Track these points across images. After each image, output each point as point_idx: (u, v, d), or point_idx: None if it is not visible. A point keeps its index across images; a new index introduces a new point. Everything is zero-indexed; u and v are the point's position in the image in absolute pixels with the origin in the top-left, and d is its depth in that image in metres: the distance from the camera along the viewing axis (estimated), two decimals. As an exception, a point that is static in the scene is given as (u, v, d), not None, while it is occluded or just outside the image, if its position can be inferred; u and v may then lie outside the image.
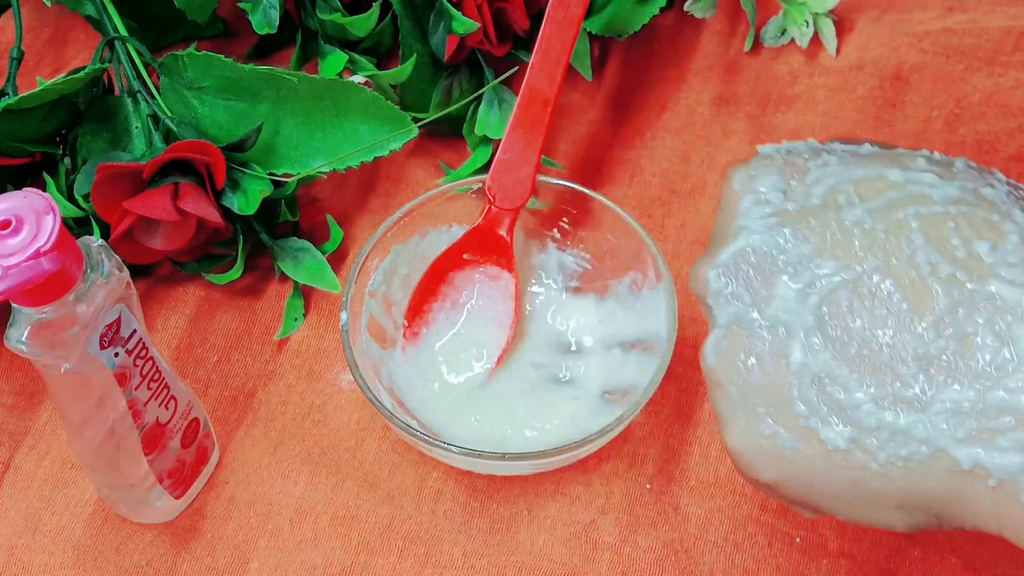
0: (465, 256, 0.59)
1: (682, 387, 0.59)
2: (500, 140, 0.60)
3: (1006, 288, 0.39)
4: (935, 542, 0.54)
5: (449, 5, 0.64)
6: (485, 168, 0.63)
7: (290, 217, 0.63)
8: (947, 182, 0.43)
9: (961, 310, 0.40)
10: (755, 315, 0.43)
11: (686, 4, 0.69)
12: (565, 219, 0.60)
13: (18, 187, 0.58)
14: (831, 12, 0.69)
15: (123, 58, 0.62)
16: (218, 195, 0.59)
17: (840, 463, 0.42)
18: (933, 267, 0.41)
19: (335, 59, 0.65)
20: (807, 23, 0.69)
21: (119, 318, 0.46)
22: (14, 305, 0.43)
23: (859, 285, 0.42)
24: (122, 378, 0.48)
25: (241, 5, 0.63)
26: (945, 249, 0.41)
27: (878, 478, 0.41)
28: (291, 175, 0.60)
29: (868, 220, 0.42)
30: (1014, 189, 0.44)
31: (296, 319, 0.61)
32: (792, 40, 0.70)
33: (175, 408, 0.52)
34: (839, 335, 0.42)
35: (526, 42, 0.67)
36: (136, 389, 0.49)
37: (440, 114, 0.63)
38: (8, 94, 0.61)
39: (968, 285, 0.40)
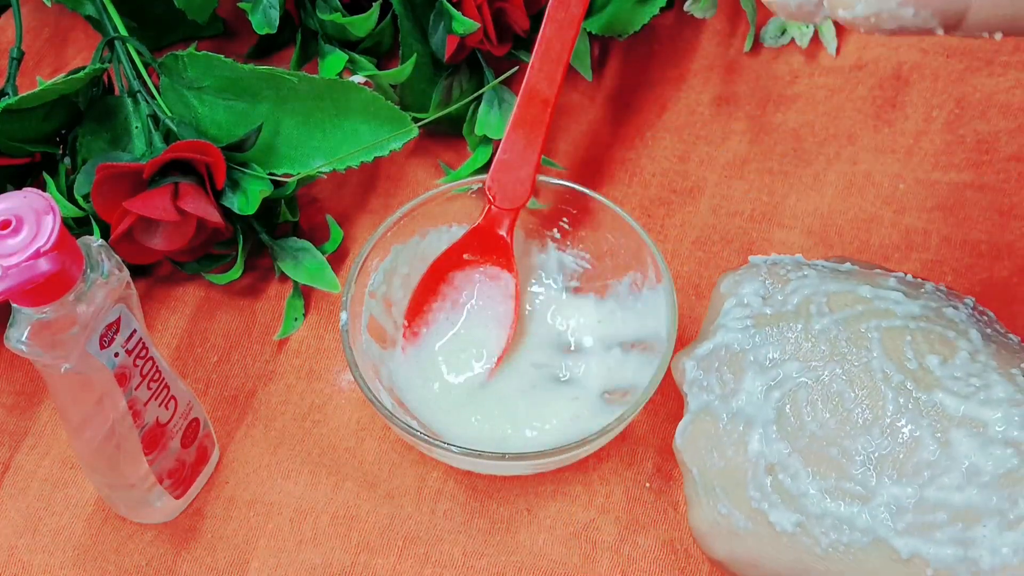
0: (465, 256, 0.59)
1: (682, 387, 0.59)
2: (500, 140, 0.60)
3: (948, 398, 0.42)
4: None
5: (449, 5, 0.64)
6: (485, 168, 0.63)
7: (290, 217, 0.63)
8: (912, 300, 0.46)
9: (906, 414, 0.43)
10: (722, 405, 0.47)
11: (686, 4, 0.69)
12: (565, 219, 0.60)
13: (18, 187, 0.58)
14: (831, 12, 0.69)
15: (123, 58, 0.62)
16: (218, 195, 0.59)
17: (787, 545, 0.45)
18: (886, 375, 0.44)
19: (335, 59, 0.65)
20: (807, 23, 0.69)
21: (119, 318, 0.46)
22: (14, 305, 0.43)
23: (818, 386, 0.45)
24: (122, 378, 0.48)
25: (241, 5, 0.63)
26: (898, 360, 0.44)
27: (821, 561, 0.44)
28: (291, 175, 0.60)
29: (834, 329, 0.46)
30: (979, 314, 0.48)
31: (296, 319, 0.61)
32: (792, 40, 0.70)
33: (175, 408, 0.52)
34: (794, 429, 0.45)
35: (526, 42, 0.67)
36: (136, 389, 0.49)
37: (440, 114, 0.63)
38: (8, 94, 0.61)
39: (915, 393, 0.43)
